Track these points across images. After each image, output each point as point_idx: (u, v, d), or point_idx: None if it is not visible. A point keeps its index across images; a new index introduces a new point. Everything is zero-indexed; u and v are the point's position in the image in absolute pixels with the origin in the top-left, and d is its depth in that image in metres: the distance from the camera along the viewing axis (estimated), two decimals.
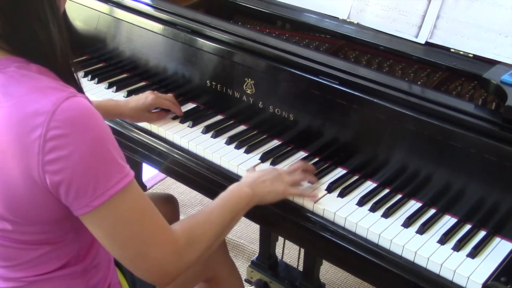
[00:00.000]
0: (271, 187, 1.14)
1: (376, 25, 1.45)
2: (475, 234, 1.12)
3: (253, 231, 2.37)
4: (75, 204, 0.85)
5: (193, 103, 1.54)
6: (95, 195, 0.84)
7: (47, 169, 0.82)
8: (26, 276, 0.95)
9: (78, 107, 0.83)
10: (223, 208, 1.04)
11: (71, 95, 0.83)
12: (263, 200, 1.14)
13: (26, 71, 0.85)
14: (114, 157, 0.86)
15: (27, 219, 0.89)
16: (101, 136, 0.84)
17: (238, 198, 1.08)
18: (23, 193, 0.85)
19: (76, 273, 0.99)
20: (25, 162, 0.82)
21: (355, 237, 1.13)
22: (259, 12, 1.61)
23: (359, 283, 2.14)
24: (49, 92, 0.83)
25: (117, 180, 0.85)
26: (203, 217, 1.01)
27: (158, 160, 1.43)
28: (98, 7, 1.65)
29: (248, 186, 1.11)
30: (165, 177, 2.72)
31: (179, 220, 1.00)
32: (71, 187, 0.83)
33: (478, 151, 1.08)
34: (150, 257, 0.91)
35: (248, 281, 1.88)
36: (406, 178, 1.20)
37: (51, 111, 0.80)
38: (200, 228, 0.99)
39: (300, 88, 1.31)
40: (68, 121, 0.81)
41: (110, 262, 1.09)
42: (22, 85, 0.83)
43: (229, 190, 1.09)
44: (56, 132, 0.80)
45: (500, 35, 1.29)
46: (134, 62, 1.65)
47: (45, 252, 0.94)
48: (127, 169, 0.88)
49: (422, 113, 1.14)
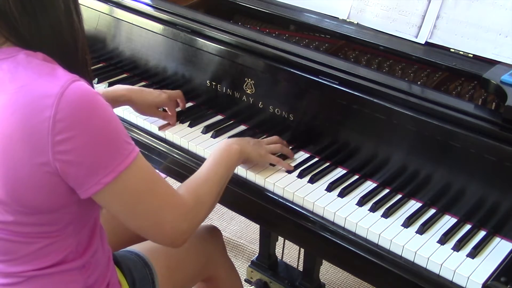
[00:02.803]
0: (255, 148, 1.25)
1: (376, 25, 1.45)
2: (475, 234, 1.12)
3: (253, 231, 2.37)
4: (86, 183, 0.88)
5: (193, 103, 1.54)
6: (106, 172, 0.88)
7: (57, 150, 0.84)
8: (25, 270, 0.96)
9: (85, 89, 0.86)
10: (218, 166, 1.12)
11: (75, 79, 0.87)
12: (249, 157, 1.24)
13: (33, 58, 0.88)
14: (120, 134, 0.90)
15: (30, 206, 0.90)
16: (107, 116, 0.88)
17: (229, 154, 1.16)
18: (29, 178, 0.87)
19: (75, 269, 1.00)
20: (33, 145, 0.84)
21: (355, 237, 1.13)
22: (259, 12, 1.61)
23: (359, 283, 2.14)
24: (56, 76, 0.86)
25: (125, 155, 0.90)
26: (203, 178, 1.08)
27: (158, 160, 1.43)
28: (98, 7, 1.65)
29: (236, 143, 1.20)
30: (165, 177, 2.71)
31: (182, 184, 1.06)
32: (81, 166, 0.86)
33: (478, 151, 1.08)
34: (166, 222, 0.97)
35: (248, 281, 1.88)
36: (406, 178, 1.20)
37: (60, 93, 0.83)
38: (203, 188, 1.06)
39: (300, 88, 1.31)
40: (76, 103, 0.84)
41: (109, 261, 1.09)
42: (30, 70, 0.86)
43: (219, 149, 1.17)
44: (64, 113, 0.83)
45: (500, 35, 1.29)
46: (134, 62, 1.65)
47: (44, 245, 0.95)
48: (133, 145, 0.92)
49: (422, 113, 1.14)
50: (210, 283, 1.44)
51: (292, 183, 1.24)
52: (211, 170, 1.11)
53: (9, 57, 0.88)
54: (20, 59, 0.87)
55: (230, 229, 2.42)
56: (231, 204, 1.38)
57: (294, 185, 1.23)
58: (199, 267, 1.35)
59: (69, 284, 1.00)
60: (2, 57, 0.88)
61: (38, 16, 0.87)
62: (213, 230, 1.44)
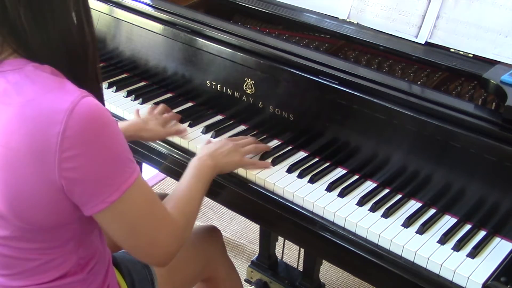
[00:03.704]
0: (228, 157, 1.23)
1: (376, 25, 1.45)
2: (475, 234, 1.12)
3: (253, 231, 2.37)
4: (90, 201, 0.87)
5: (193, 103, 1.54)
6: (111, 191, 0.87)
7: (64, 167, 0.83)
8: (26, 285, 0.95)
9: (95, 105, 0.85)
10: (197, 184, 1.11)
11: (85, 94, 0.85)
12: (223, 169, 1.22)
13: (41, 71, 0.86)
14: (125, 153, 0.89)
15: (31, 222, 0.88)
16: (114, 135, 0.87)
17: (204, 171, 1.15)
18: (33, 193, 0.85)
19: (76, 282, 0.99)
20: (40, 160, 0.82)
21: (355, 237, 1.13)
22: (259, 12, 1.61)
23: (359, 283, 2.14)
24: (65, 91, 0.84)
25: (129, 174, 0.89)
26: (186, 197, 1.07)
27: (158, 160, 1.43)
28: (98, 7, 1.65)
29: (209, 158, 1.18)
30: (165, 177, 2.72)
31: (166, 201, 1.04)
32: (87, 185, 0.85)
33: (478, 151, 1.08)
34: (160, 242, 0.96)
35: (248, 281, 1.88)
36: (406, 178, 1.20)
37: (70, 109, 0.81)
38: (188, 207, 1.05)
39: (300, 88, 1.31)
40: (85, 120, 0.82)
41: (109, 265, 1.09)
42: (38, 84, 0.84)
43: (193, 166, 1.15)
44: (73, 130, 0.81)
45: (500, 35, 1.29)
46: (134, 62, 1.65)
47: (45, 261, 0.94)
48: (135, 163, 0.91)
49: (422, 113, 1.14)
50: (210, 283, 1.44)
51: (292, 183, 1.24)
52: (192, 189, 1.09)
53: (16, 68, 0.85)
54: (28, 71, 0.85)
55: (230, 229, 2.42)
56: (231, 204, 1.37)
57: (294, 185, 1.23)
58: (199, 268, 1.35)
59: None
60: (9, 69, 0.85)
61: (49, 29, 0.84)
62: (213, 231, 1.44)
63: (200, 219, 2.48)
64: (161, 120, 1.40)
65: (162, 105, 1.46)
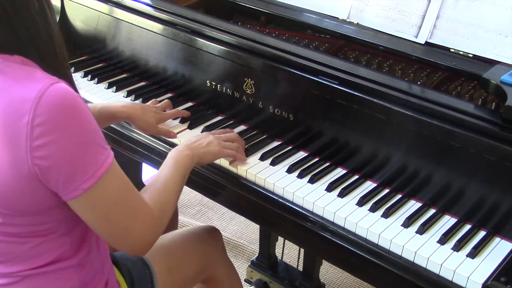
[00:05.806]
0: (207, 148, 1.23)
1: (376, 25, 1.45)
2: (475, 234, 1.12)
3: (253, 231, 2.37)
4: (65, 188, 0.88)
5: (193, 103, 1.54)
6: (84, 178, 0.87)
7: (36, 155, 0.84)
8: (19, 270, 0.96)
9: (63, 91, 0.85)
10: (174, 175, 1.11)
11: (54, 81, 0.85)
12: (201, 160, 1.22)
13: (11, 62, 0.87)
14: (97, 139, 0.89)
15: (15, 209, 0.90)
16: (85, 120, 0.87)
17: (182, 162, 1.15)
18: (11, 182, 0.86)
19: (70, 267, 1.00)
20: (14, 151, 0.84)
21: (355, 237, 1.13)
22: (259, 12, 1.61)
23: (359, 283, 2.14)
24: (34, 80, 0.85)
25: (102, 161, 0.89)
26: (162, 187, 1.07)
27: (158, 160, 1.43)
28: (98, 7, 1.65)
29: (187, 149, 1.19)
30: None
31: (143, 190, 1.04)
32: (60, 172, 0.86)
33: (478, 151, 1.08)
34: (135, 230, 0.97)
35: (248, 281, 1.88)
36: (406, 178, 1.20)
37: (37, 98, 0.82)
38: (164, 198, 1.06)
39: (300, 88, 1.31)
40: (53, 107, 0.83)
41: (107, 260, 1.10)
42: (7, 75, 0.85)
43: (172, 157, 1.16)
44: (42, 118, 0.82)
45: (500, 35, 1.29)
46: (134, 62, 1.65)
47: (36, 244, 0.95)
48: (108, 149, 0.91)
49: (422, 113, 1.14)
50: (210, 283, 1.44)
51: (292, 183, 1.24)
52: (169, 180, 1.09)
53: None
54: None
55: (230, 229, 2.42)
56: (231, 204, 1.38)
57: (294, 185, 1.23)
58: (199, 268, 1.35)
59: (65, 282, 1.00)
60: None
61: (13, 20, 0.85)
62: (212, 231, 1.44)
63: (200, 219, 2.48)
64: (158, 116, 1.40)
65: (166, 100, 1.48)
